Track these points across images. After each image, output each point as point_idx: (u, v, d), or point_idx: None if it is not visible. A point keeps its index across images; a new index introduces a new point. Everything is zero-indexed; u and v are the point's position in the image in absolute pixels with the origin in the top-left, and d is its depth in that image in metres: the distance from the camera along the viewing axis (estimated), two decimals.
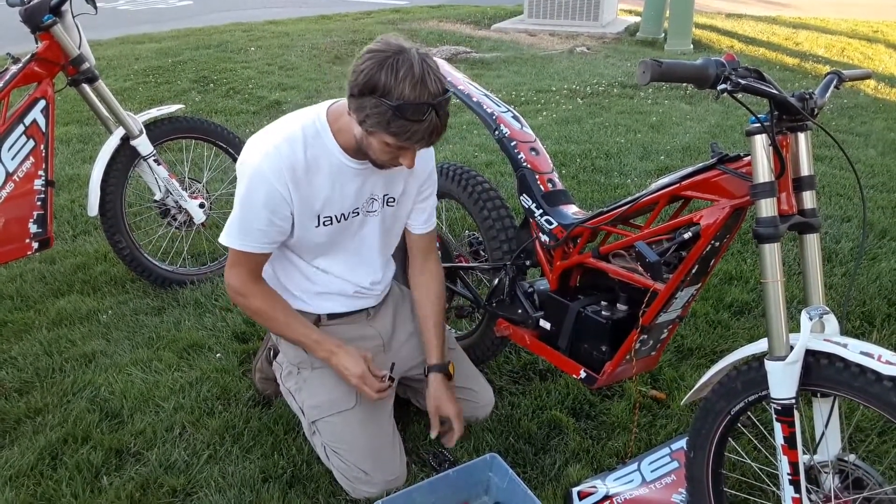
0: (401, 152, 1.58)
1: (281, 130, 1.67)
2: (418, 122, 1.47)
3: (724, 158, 1.46)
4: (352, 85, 1.50)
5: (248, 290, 1.77)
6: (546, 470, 1.90)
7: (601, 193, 3.66)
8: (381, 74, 1.44)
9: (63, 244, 3.22)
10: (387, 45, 1.48)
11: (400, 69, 1.44)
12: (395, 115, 1.46)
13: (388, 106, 1.45)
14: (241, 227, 1.69)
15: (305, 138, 1.66)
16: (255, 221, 1.67)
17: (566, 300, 1.84)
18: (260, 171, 1.62)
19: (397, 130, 1.49)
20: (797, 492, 1.36)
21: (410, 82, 1.44)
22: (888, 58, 7.05)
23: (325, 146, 1.68)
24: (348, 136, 1.65)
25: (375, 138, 1.55)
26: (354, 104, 1.52)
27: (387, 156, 1.59)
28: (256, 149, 1.66)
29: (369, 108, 1.48)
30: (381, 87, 1.45)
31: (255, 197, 1.64)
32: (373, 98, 1.47)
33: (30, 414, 2.12)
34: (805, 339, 1.31)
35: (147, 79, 6.07)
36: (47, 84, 2.49)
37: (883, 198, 3.64)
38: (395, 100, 1.44)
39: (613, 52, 7.31)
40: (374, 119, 1.49)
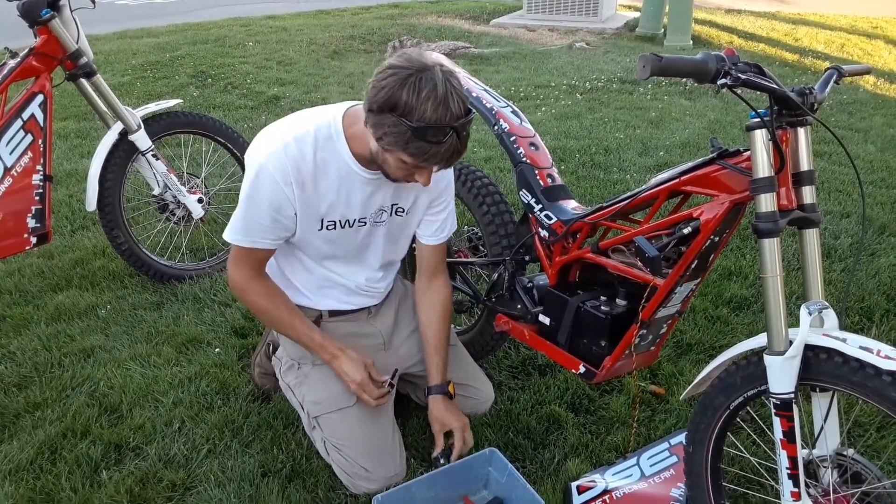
0: (417, 171, 1.54)
1: (293, 128, 1.64)
2: (438, 145, 1.44)
3: (724, 153, 1.46)
4: (371, 100, 1.46)
5: (250, 287, 1.76)
6: (545, 464, 1.90)
7: (600, 189, 3.66)
8: (402, 93, 1.40)
9: (61, 239, 3.22)
10: (410, 62, 1.43)
11: (423, 89, 1.40)
12: (415, 136, 1.42)
13: (407, 126, 1.41)
14: (245, 224, 1.67)
15: (317, 140, 1.63)
16: (259, 218, 1.66)
17: (565, 295, 1.84)
18: (265, 169, 1.60)
19: (416, 151, 1.45)
20: (796, 486, 1.37)
21: (433, 104, 1.40)
22: (887, 53, 7.05)
23: (337, 151, 1.64)
24: (362, 144, 1.61)
25: (392, 156, 1.51)
26: (373, 120, 1.48)
27: (402, 172, 1.56)
28: (265, 144, 1.63)
29: (388, 126, 1.45)
30: (401, 105, 1.41)
31: (260, 195, 1.63)
32: (392, 116, 1.43)
33: (29, 408, 2.12)
34: (804, 334, 1.31)
35: (145, 74, 6.06)
36: (45, 79, 2.48)
37: (882, 194, 3.64)
38: (416, 120, 1.41)
39: (613, 47, 7.30)
40: (393, 138, 1.45)
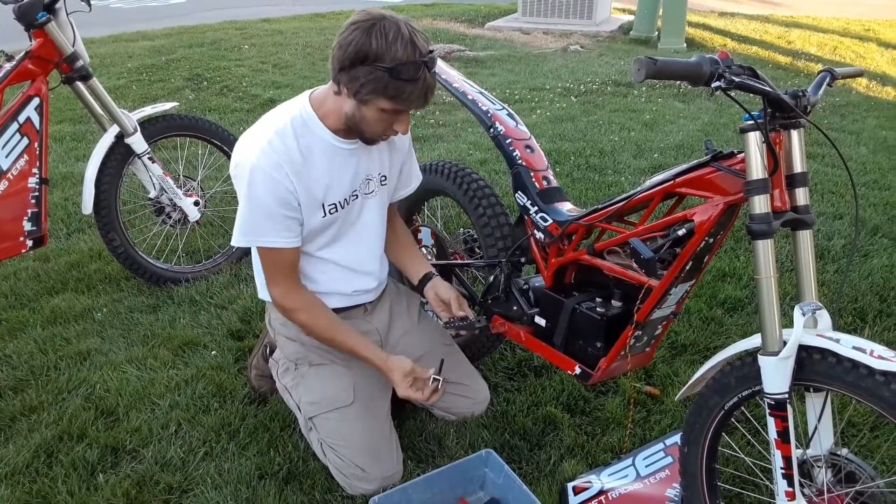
0: (396, 118, 1.61)
1: (269, 126, 1.68)
2: (414, 82, 1.51)
3: (718, 155, 1.47)
4: (341, 59, 1.53)
5: (288, 302, 1.78)
6: (541, 465, 1.91)
7: (595, 191, 3.68)
8: (371, 41, 1.48)
9: (57, 242, 3.21)
10: (368, 15, 1.52)
11: (389, 33, 1.48)
12: (392, 77, 1.49)
13: (383, 70, 1.48)
14: (251, 225, 1.68)
15: (295, 129, 1.67)
16: (264, 216, 1.66)
17: (561, 297, 1.85)
18: (259, 167, 1.62)
19: (395, 93, 1.52)
20: (790, 486, 1.38)
21: (402, 43, 1.49)
22: (880, 56, 7.09)
23: (316, 133, 1.69)
24: (336, 117, 1.67)
25: (371, 108, 1.57)
26: (346, 77, 1.54)
27: (381, 125, 1.62)
28: (249, 147, 1.65)
29: (363, 77, 1.51)
30: (373, 53, 1.48)
31: (260, 192, 1.64)
32: (365, 66, 1.50)
33: (25, 412, 2.12)
34: (798, 335, 1.32)
35: (141, 77, 6.05)
36: (41, 82, 2.48)
37: (874, 195, 3.66)
38: (390, 62, 1.48)
39: (607, 50, 7.32)
40: (371, 86, 1.52)
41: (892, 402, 1.22)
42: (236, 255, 3.01)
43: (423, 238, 2.33)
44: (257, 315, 2.59)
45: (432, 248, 2.32)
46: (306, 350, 1.91)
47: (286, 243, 1.71)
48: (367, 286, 1.93)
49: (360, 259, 1.89)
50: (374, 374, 1.92)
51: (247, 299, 2.69)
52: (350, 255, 1.87)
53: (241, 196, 1.67)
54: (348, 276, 1.88)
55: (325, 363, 1.91)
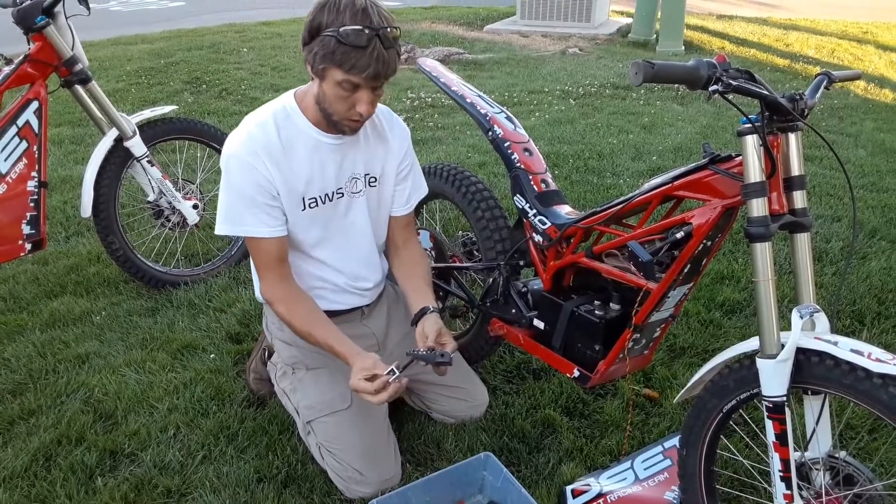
0: (355, 94, 1.59)
1: (252, 119, 1.72)
2: (362, 49, 1.50)
3: (716, 158, 1.47)
4: (303, 37, 1.57)
5: (272, 294, 1.77)
6: (540, 468, 1.91)
7: (594, 194, 3.68)
8: (323, 13, 1.52)
9: (56, 245, 3.21)
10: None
11: (341, 4, 1.51)
12: (339, 42, 1.50)
13: (331, 36, 1.51)
14: (229, 212, 1.70)
15: (276, 121, 1.70)
16: (242, 202, 1.68)
17: (560, 300, 1.86)
18: (235, 154, 1.66)
19: (342, 59, 1.52)
20: (788, 488, 1.38)
21: (351, 12, 1.51)
22: (878, 58, 7.10)
23: (297, 126, 1.71)
24: (315, 109, 1.69)
25: (328, 82, 1.58)
26: (306, 52, 1.58)
27: (342, 103, 1.61)
28: (231, 141, 1.70)
29: (316, 49, 1.54)
30: (324, 24, 1.52)
31: (235, 179, 1.67)
32: (319, 38, 1.53)
33: (23, 415, 2.12)
34: (796, 338, 1.32)
35: (139, 80, 6.05)
36: (40, 85, 2.48)
37: (872, 197, 3.67)
38: (336, 28, 1.50)
39: (605, 53, 7.33)
40: (321, 54, 1.54)
41: (890, 404, 1.22)
42: (235, 258, 3.01)
43: (421, 241, 2.33)
44: (256, 318, 2.59)
45: (431, 251, 2.33)
46: (302, 354, 1.91)
47: (268, 232, 1.72)
48: (359, 288, 1.92)
49: (348, 259, 1.88)
50: None
51: (245, 302, 2.69)
52: (339, 255, 1.87)
53: (222, 185, 1.70)
54: (339, 277, 1.88)
55: (321, 367, 1.91)
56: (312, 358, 1.91)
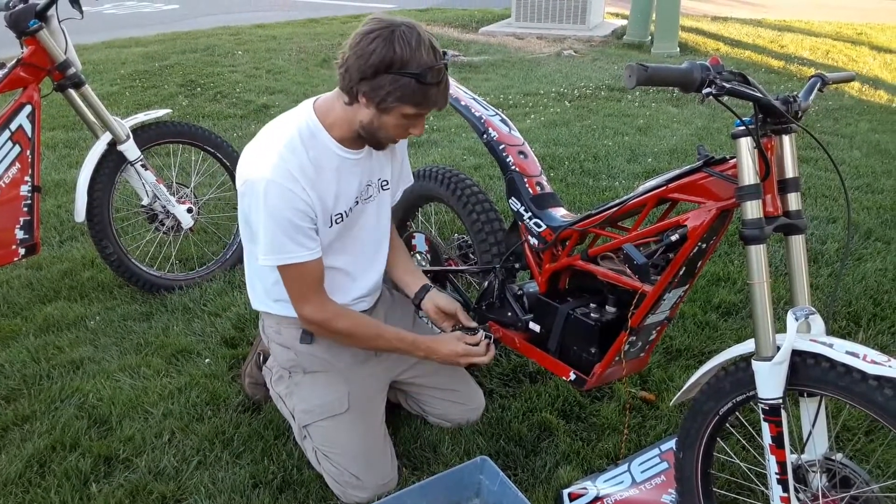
0: (414, 122, 1.62)
1: (276, 139, 1.66)
2: (437, 86, 1.54)
3: (710, 161, 1.47)
4: (361, 69, 1.51)
5: (325, 315, 1.75)
6: (537, 472, 1.90)
7: (589, 196, 3.68)
8: (395, 48, 1.48)
9: (50, 250, 3.20)
10: (383, 22, 1.52)
11: (411, 39, 1.49)
12: (419, 83, 1.51)
13: (410, 76, 1.50)
14: (277, 242, 1.64)
15: (303, 141, 1.66)
16: (287, 231, 1.63)
17: (555, 302, 1.85)
18: (273, 181, 1.60)
19: (422, 98, 1.54)
20: (785, 491, 1.38)
21: (425, 49, 1.51)
22: (872, 60, 7.12)
23: (324, 144, 1.68)
24: (345, 127, 1.66)
25: (393, 115, 1.57)
26: (368, 86, 1.53)
27: (399, 130, 1.63)
28: (258, 162, 1.63)
29: (388, 86, 1.51)
30: (398, 60, 1.49)
31: (278, 207, 1.61)
32: (390, 74, 1.50)
33: (17, 421, 2.11)
34: (791, 340, 1.32)
35: (134, 83, 6.04)
36: (33, 89, 2.47)
37: (868, 198, 3.67)
38: (416, 68, 1.49)
39: (601, 55, 7.34)
40: (398, 93, 1.52)
41: (886, 406, 1.22)
42: (230, 262, 3.00)
43: (417, 244, 2.33)
44: (251, 322, 2.59)
45: (426, 254, 2.32)
46: (300, 358, 1.90)
47: (311, 255, 1.68)
48: (365, 292, 1.92)
49: (358, 263, 1.88)
50: (369, 381, 1.92)
51: (240, 307, 2.68)
52: (349, 260, 1.86)
53: (258, 213, 1.63)
54: (348, 282, 1.88)
55: (319, 371, 1.90)
56: (310, 361, 1.90)
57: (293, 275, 1.70)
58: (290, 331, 1.88)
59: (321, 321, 1.76)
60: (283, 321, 1.88)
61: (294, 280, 1.71)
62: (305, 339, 1.87)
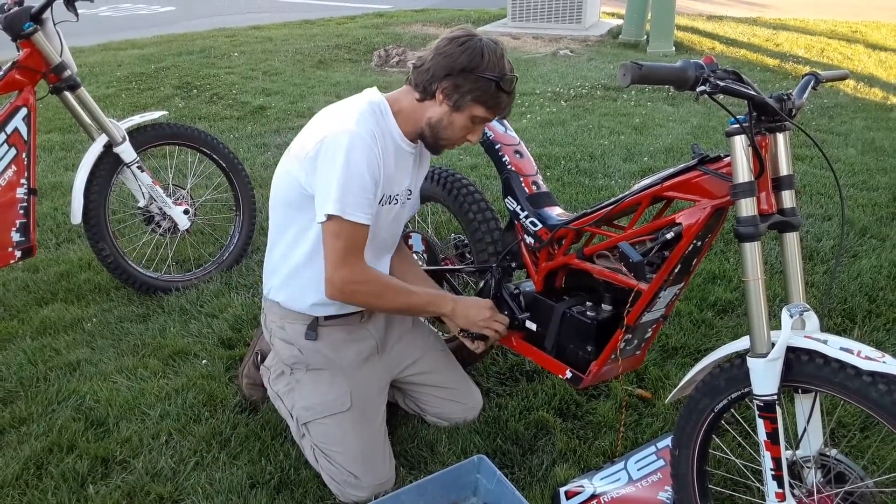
0: (477, 127, 1.74)
1: (351, 106, 1.73)
2: (510, 94, 1.70)
3: (705, 159, 1.48)
4: (448, 66, 1.65)
5: (366, 276, 1.74)
6: (534, 470, 1.91)
7: (586, 195, 3.69)
8: (483, 53, 1.64)
9: (46, 252, 3.19)
10: (469, 32, 1.68)
11: (496, 49, 1.66)
12: (497, 87, 1.65)
13: (492, 79, 1.64)
14: (348, 194, 1.63)
15: (375, 115, 1.73)
16: (360, 188, 1.64)
17: (552, 301, 1.86)
18: (359, 135, 1.64)
19: (494, 102, 1.68)
20: (780, 487, 1.38)
21: (506, 60, 1.67)
22: (867, 57, 7.14)
23: (389, 126, 1.76)
24: (411, 121, 1.76)
25: (464, 115, 1.69)
26: (451, 82, 1.65)
27: (462, 132, 1.74)
28: (338, 120, 1.68)
29: (469, 84, 1.65)
30: (484, 64, 1.64)
31: (358, 160, 1.63)
32: (474, 74, 1.64)
33: (14, 423, 2.11)
34: (786, 337, 1.33)
35: (130, 85, 6.04)
36: (29, 92, 2.47)
37: (863, 196, 3.69)
38: (498, 74, 1.64)
39: (596, 54, 7.35)
40: (476, 93, 1.65)
41: (880, 402, 1.23)
42: (227, 263, 3.00)
43: (413, 244, 2.33)
44: (248, 323, 2.59)
45: (423, 253, 2.33)
46: (304, 354, 1.90)
47: (369, 220, 1.69)
48: None
49: (377, 261, 1.90)
50: (371, 380, 1.92)
51: (237, 308, 2.68)
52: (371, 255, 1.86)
53: (335, 164, 1.62)
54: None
55: (321, 368, 1.90)
56: (313, 358, 1.90)
57: (346, 235, 1.66)
58: (294, 326, 1.89)
59: (356, 280, 1.71)
60: (289, 316, 1.89)
61: (345, 240, 1.67)
62: (310, 336, 1.88)
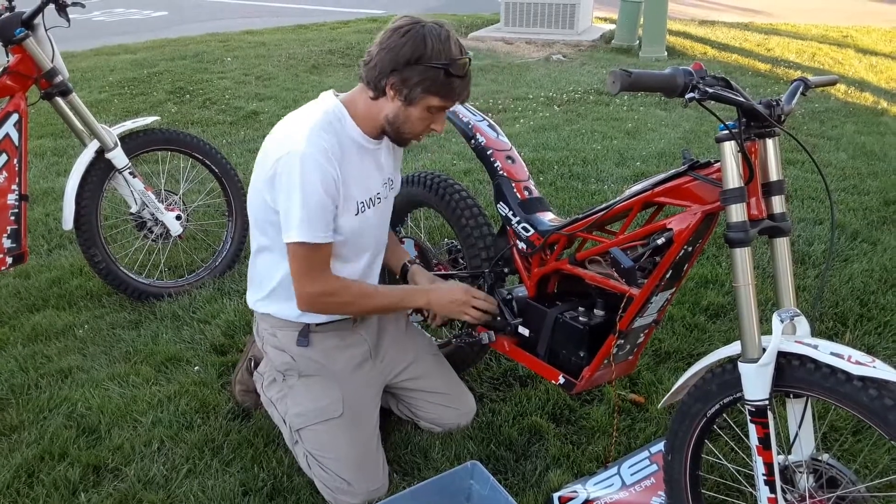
0: (437, 116, 1.70)
1: (304, 120, 1.69)
2: (463, 78, 1.64)
3: (695, 165, 1.49)
4: (393, 61, 1.60)
5: (333, 287, 1.75)
6: (527, 476, 1.90)
7: (578, 200, 3.69)
8: (427, 42, 1.58)
9: (38, 259, 3.18)
10: (413, 20, 1.61)
11: (440, 34, 1.59)
12: (447, 74, 1.60)
13: (439, 67, 1.58)
14: (309, 218, 1.64)
15: (331, 123, 1.70)
16: (319, 208, 1.65)
17: (544, 306, 1.86)
18: (309, 154, 1.62)
19: (447, 90, 1.63)
20: (772, 492, 1.39)
21: (453, 43, 1.61)
22: (858, 62, 7.18)
23: (348, 131, 1.73)
24: (370, 121, 1.72)
25: (418, 107, 1.65)
26: (398, 77, 1.61)
27: (422, 124, 1.70)
28: (291, 138, 1.65)
29: (417, 76, 1.60)
30: (429, 53, 1.58)
31: (313, 181, 1.62)
32: (420, 65, 1.59)
33: (5, 431, 2.09)
34: (776, 342, 1.33)
35: (122, 90, 6.02)
36: (20, 98, 2.46)
37: (854, 200, 3.70)
38: (445, 60, 1.58)
39: (589, 59, 7.37)
40: (426, 84, 1.60)
41: (870, 406, 1.24)
42: (219, 269, 2.99)
43: (406, 249, 2.33)
44: (241, 329, 2.58)
45: (416, 259, 2.32)
46: (296, 361, 1.90)
47: (331, 238, 1.70)
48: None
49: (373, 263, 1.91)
50: (364, 386, 1.92)
51: (230, 314, 2.68)
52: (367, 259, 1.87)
53: (292, 187, 1.62)
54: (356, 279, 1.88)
55: (313, 374, 1.90)
56: (305, 365, 1.90)
57: (308, 254, 1.69)
58: (286, 333, 1.89)
59: (323, 293, 1.74)
60: (280, 324, 1.88)
61: (306, 259, 1.70)
62: (302, 342, 1.88)
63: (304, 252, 1.68)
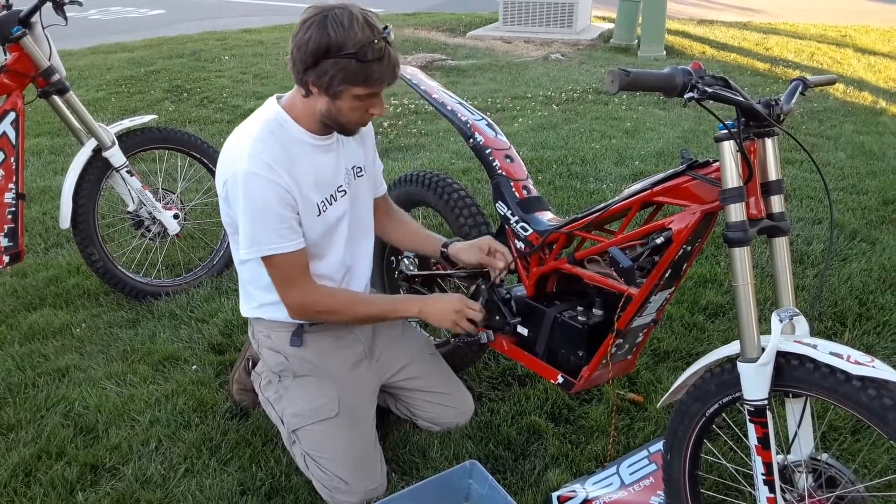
0: (370, 101, 1.63)
1: (246, 134, 1.68)
2: (380, 61, 1.54)
3: (694, 164, 1.49)
4: (304, 58, 1.54)
5: (315, 296, 1.76)
6: (526, 475, 1.90)
7: (577, 199, 3.69)
8: (329, 32, 1.50)
9: (35, 257, 3.17)
10: (317, 9, 1.53)
11: (342, 20, 1.50)
12: (359, 61, 1.51)
13: (349, 56, 1.50)
14: (258, 233, 1.65)
15: (273, 133, 1.68)
16: (269, 222, 1.64)
17: (543, 306, 1.86)
18: (251, 172, 1.61)
19: (365, 77, 1.54)
20: (772, 491, 1.38)
21: (359, 26, 1.50)
22: (856, 61, 7.19)
23: (292, 134, 1.70)
24: (310, 119, 1.68)
25: (345, 99, 1.59)
26: (313, 74, 1.56)
27: (358, 113, 1.64)
28: (234, 157, 1.65)
29: (331, 70, 1.53)
30: (334, 43, 1.50)
31: (260, 197, 1.62)
32: (330, 58, 1.52)
33: (2, 430, 2.09)
34: (776, 341, 1.33)
35: (119, 89, 6.01)
36: (17, 96, 2.46)
37: (852, 199, 3.70)
38: (353, 47, 1.50)
39: (588, 58, 7.37)
40: (340, 76, 1.54)
41: (869, 406, 1.23)
42: (217, 268, 2.99)
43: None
44: (239, 328, 2.58)
45: (414, 258, 2.32)
46: (290, 361, 1.89)
47: (294, 246, 1.70)
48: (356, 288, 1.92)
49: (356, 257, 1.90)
50: (360, 385, 1.92)
51: (228, 313, 2.67)
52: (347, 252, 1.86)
53: (240, 207, 1.65)
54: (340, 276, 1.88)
55: (309, 375, 1.90)
56: (300, 365, 1.89)
57: (278, 265, 1.71)
58: (280, 334, 1.88)
59: (307, 302, 1.77)
60: (273, 325, 1.88)
61: (279, 269, 1.72)
62: (295, 343, 1.87)
63: (274, 263, 1.70)
